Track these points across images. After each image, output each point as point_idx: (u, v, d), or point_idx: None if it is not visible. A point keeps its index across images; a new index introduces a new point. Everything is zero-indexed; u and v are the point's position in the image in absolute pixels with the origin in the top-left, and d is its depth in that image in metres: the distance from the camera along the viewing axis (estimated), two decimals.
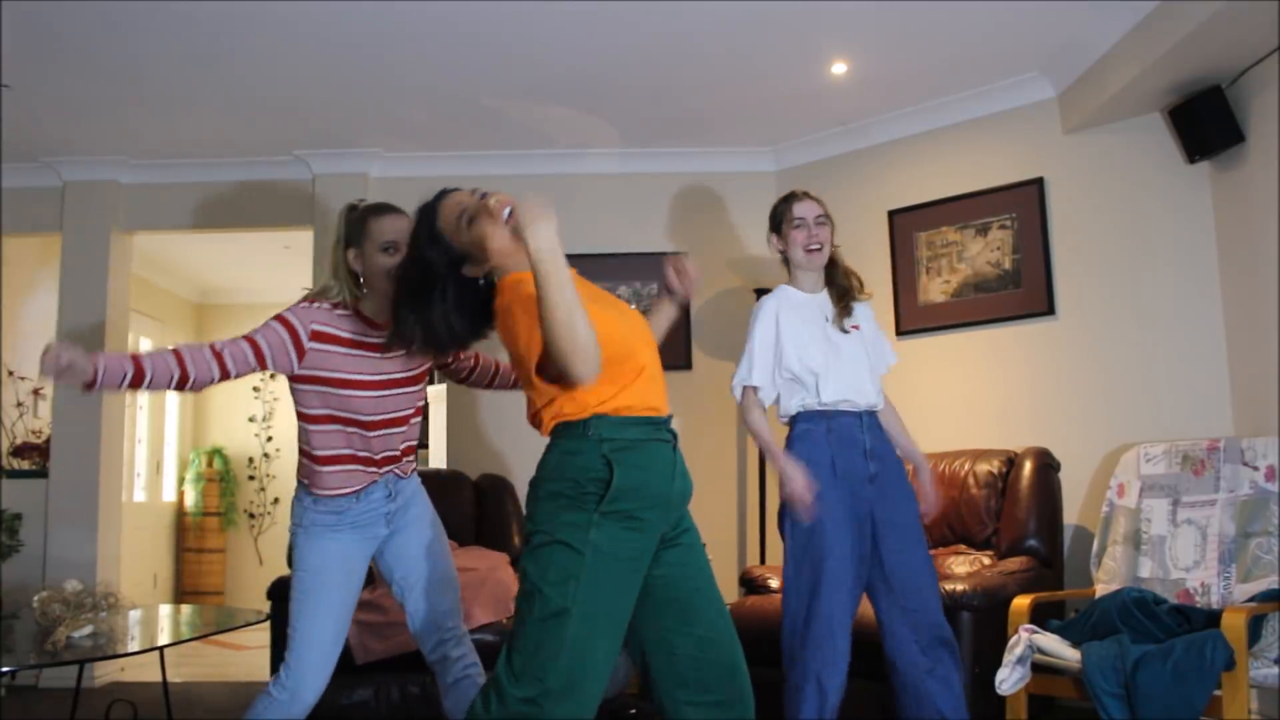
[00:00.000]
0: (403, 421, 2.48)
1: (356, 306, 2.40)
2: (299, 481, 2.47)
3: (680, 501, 1.98)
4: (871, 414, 2.73)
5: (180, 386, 2.24)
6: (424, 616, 2.52)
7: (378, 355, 2.39)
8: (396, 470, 2.49)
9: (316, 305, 2.38)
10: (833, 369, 2.69)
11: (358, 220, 2.42)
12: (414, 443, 2.56)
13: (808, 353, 2.69)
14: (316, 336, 2.34)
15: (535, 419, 1.95)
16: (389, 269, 2.32)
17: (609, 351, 1.84)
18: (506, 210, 1.93)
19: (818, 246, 2.76)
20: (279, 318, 2.33)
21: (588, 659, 1.81)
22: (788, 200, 2.83)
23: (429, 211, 2.04)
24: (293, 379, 2.38)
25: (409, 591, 2.53)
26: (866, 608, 3.14)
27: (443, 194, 2.06)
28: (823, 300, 2.80)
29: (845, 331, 2.74)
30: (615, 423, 1.88)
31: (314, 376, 2.35)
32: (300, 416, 2.43)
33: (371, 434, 2.41)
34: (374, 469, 2.44)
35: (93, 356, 2.10)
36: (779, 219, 2.83)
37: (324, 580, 2.39)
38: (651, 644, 1.95)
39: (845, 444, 2.66)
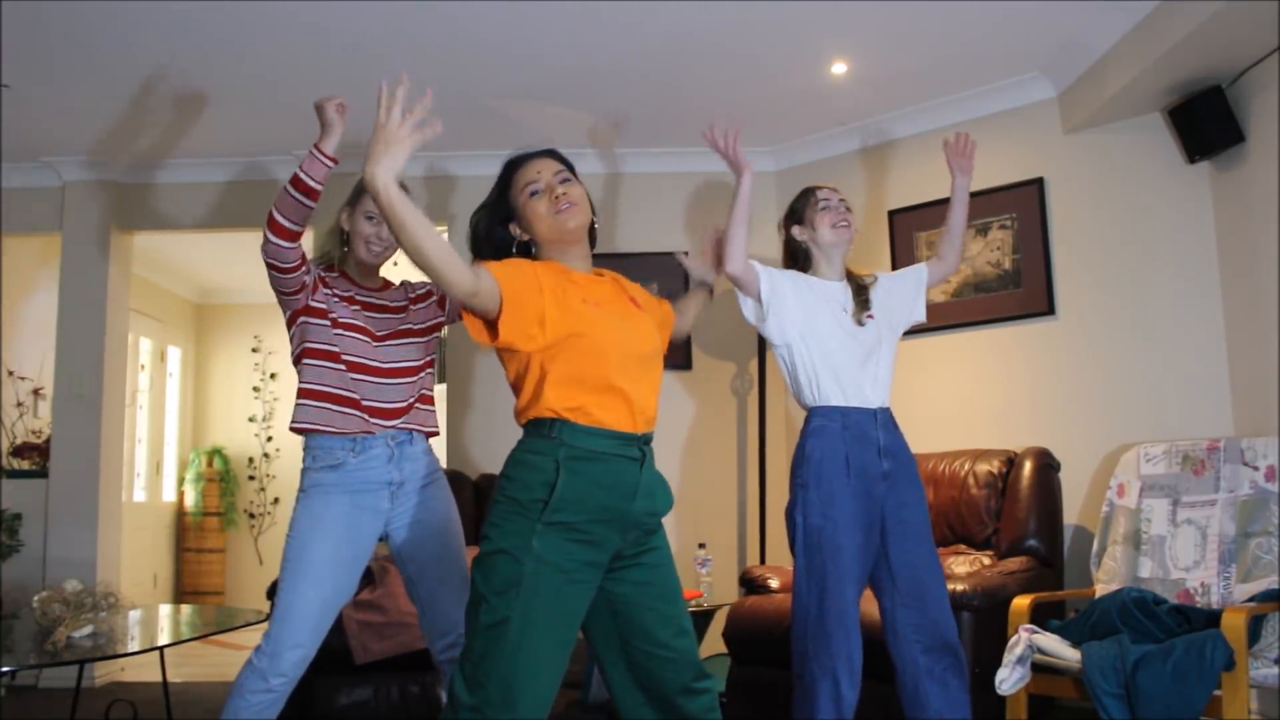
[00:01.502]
0: (408, 372, 2.48)
1: (341, 267, 2.55)
2: (304, 445, 2.46)
3: (640, 521, 1.92)
4: (886, 410, 2.71)
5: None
6: (433, 615, 2.49)
7: (375, 313, 2.50)
8: (400, 425, 2.44)
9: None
10: (849, 365, 2.67)
11: (357, 184, 2.56)
12: (416, 398, 2.50)
13: (826, 347, 2.65)
14: (323, 282, 2.48)
15: (516, 416, 1.96)
16: (368, 237, 2.49)
17: (579, 354, 1.87)
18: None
19: (846, 224, 2.77)
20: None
21: (526, 668, 1.79)
22: (807, 191, 2.83)
23: (513, 164, 2.12)
24: (302, 311, 2.44)
25: (419, 587, 2.50)
26: (869, 606, 3.15)
27: (538, 154, 2.11)
28: (840, 289, 2.78)
29: (861, 324, 2.71)
30: (580, 430, 1.87)
31: (323, 310, 2.44)
32: (303, 354, 2.44)
33: (372, 379, 2.42)
34: (375, 419, 2.41)
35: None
36: (800, 209, 2.81)
37: (310, 545, 2.34)
38: (606, 656, 1.98)
39: (860, 440, 2.62)
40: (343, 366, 2.42)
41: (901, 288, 2.91)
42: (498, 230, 2.07)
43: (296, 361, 2.48)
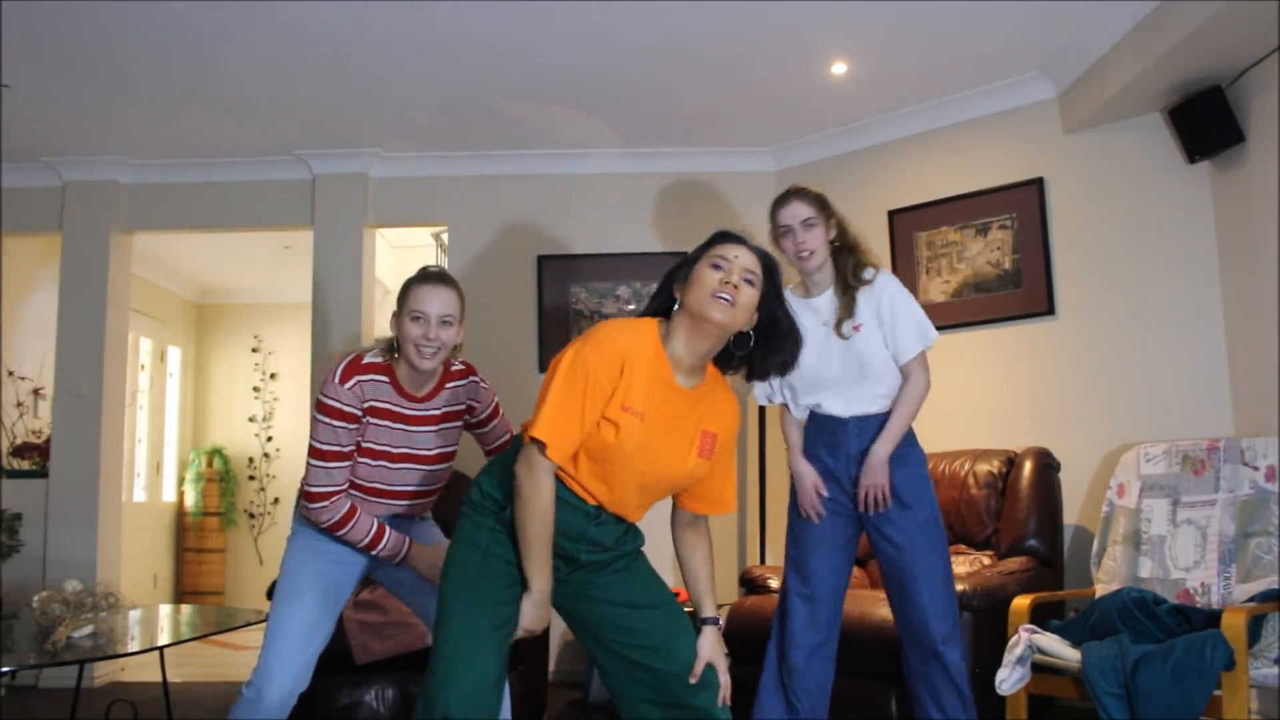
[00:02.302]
0: (407, 495, 2.48)
1: (393, 369, 2.38)
2: (298, 498, 2.49)
3: (589, 564, 2.02)
4: (862, 419, 2.68)
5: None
6: (426, 613, 2.52)
7: (400, 426, 2.40)
8: (395, 509, 2.49)
9: (366, 361, 2.37)
10: (821, 380, 2.68)
11: (404, 286, 2.39)
12: (422, 502, 2.54)
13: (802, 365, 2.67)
14: (366, 401, 2.35)
15: (523, 427, 1.97)
16: (416, 340, 2.30)
17: (592, 446, 1.91)
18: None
19: (807, 254, 2.68)
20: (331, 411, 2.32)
21: (456, 649, 1.90)
22: (775, 205, 2.77)
23: (723, 236, 2.01)
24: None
25: (407, 602, 2.56)
26: (872, 608, 3.15)
27: (751, 246, 2.01)
28: (825, 302, 2.73)
29: (845, 337, 2.66)
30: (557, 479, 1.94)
31: (360, 422, 2.37)
32: (311, 451, 2.37)
33: (372, 499, 2.45)
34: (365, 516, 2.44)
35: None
36: (772, 229, 2.78)
37: (297, 580, 2.42)
38: (602, 659, 2.05)
39: (834, 448, 2.71)
40: (354, 492, 2.43)
41: (891, 328, 2.70)
42: (671, 278, 2.03)
43: (311, 452, 2.43)
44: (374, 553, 2.41)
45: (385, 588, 2.62)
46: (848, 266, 2.71)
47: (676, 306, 1.97)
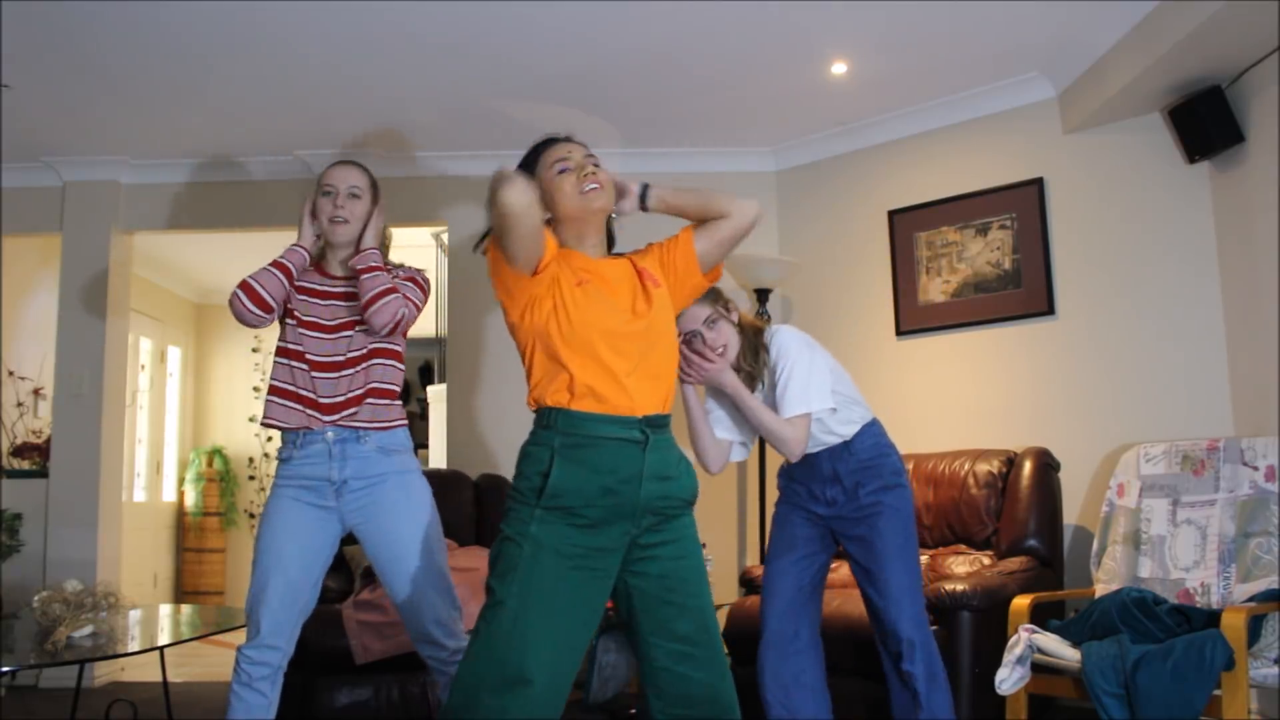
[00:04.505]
0: (351, 363, 2.49)
1: (318, 262, 2.62)
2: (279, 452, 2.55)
3: (652, 506, 1.92)
4: (830, 449, 2.71)
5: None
6: (411, 619, 2.49)
7: (331, 301, 2.55)
8: (342, 422, 2.43)
9: None
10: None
11: (319, 176, 2.62)
12: (364, 390, 2.47)
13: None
14: (299, 290, 2.58)
15: (529, 403, 2.00)
16: (329, 212, 2.54)
17: (564, 338, 1.91)
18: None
19: (723, 351, 2.64)
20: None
21: (521, 652, 1.80)
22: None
23: (541, 145, 2.14)
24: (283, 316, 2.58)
25: (390, 589, 2.50)
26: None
27: (567, 139, 2.14)
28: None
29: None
30: (574, 416, 1.89)
31: (290, 310, 2.56)
32: (274, 353, 2.58)
33: (315, 374, 2.47)
34: (314, 412, 2.44)
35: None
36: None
37: (263, 541, 2.44)
38: (639, 650, 1.97)
39: (810, 478, 2.76)
40: (292, 361, 2.50)
41: (782, 389, 2.65)
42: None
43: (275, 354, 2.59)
44: (288, 268, 2.51)
45: (379, 570, 2.53)
46: (748, 352, 2.70)
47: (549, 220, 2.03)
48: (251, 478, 7.85)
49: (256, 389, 7.85)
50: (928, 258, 4.38)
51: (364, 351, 2.51)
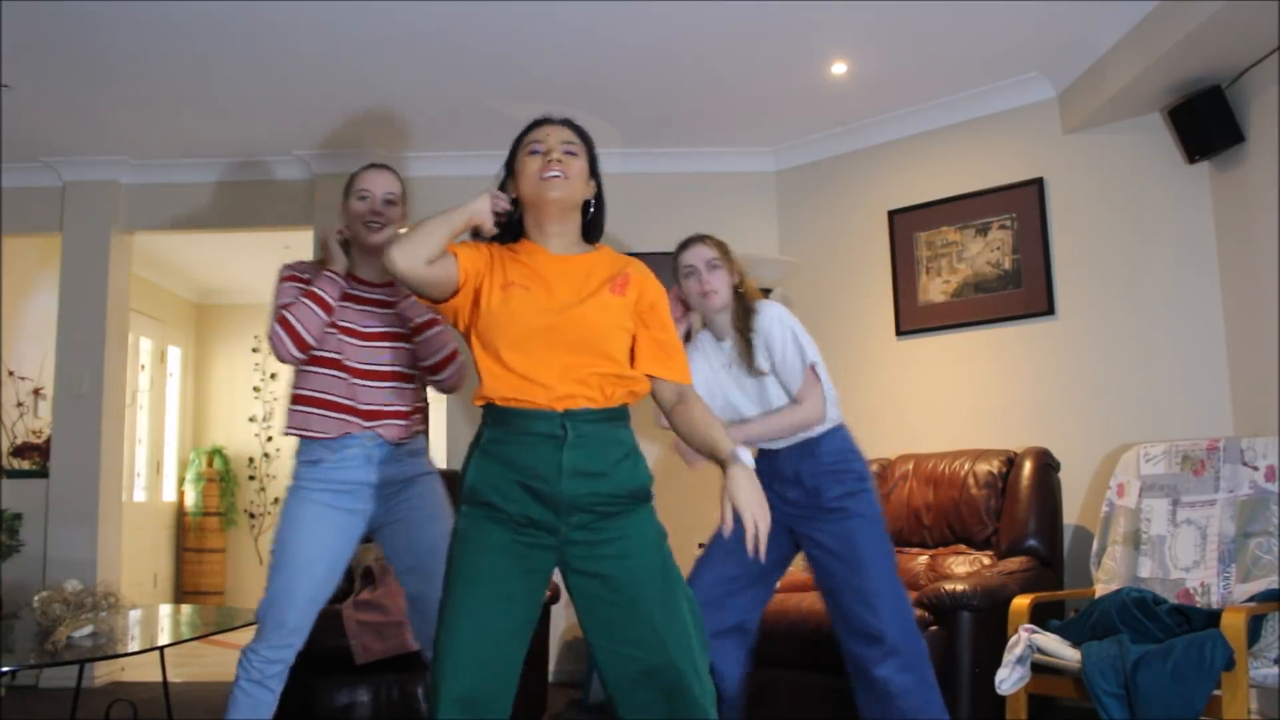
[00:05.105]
0: (393, 377, 2.48)
1: (350, 268, 2.57)
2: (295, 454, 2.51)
3: (580, 504, 1.84)
4: (793, 447, 2.69)
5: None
6: (423, 619, 2.49)
7: (368, 306, 2.51)
8: (381, 430, 2.44)
9: (303, 262, 2.62)
10: (744, 418, 2.72)
11: (348, 181, 2.60)
12: (406, 407, 2.49)
13: (717, 404, 2.72)
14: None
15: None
16: (363, 215, 2.51)
17: (492, 335, 1.89)
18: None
19: (712, 293, 2.67)
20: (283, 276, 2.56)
21: (444, 648, 1.83)
22: (678, 249, 2.74)
23: (532, 124, 2.05)
24: None
25: (407, 588, 2.52)
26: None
27: (557, 121, 2.06)
28: (729, 346, 2.74)
29: (754, 376, 2.68)
30: (496, 412, 1.90)
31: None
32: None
33: (354, 380, 2.44)
34: (354, 418, 2.43)
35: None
36: (675, 269, 2.74)
37: (287, 543, 2.41)
38: (590, 651, 1.91)
39: (773, 476, 2.68)
40: (329, 370, 2.45)
41: (781, 361, 2.67)
42: (502, 186, 2.05)
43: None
44: (328, 303, 2.44)
45: (400, 570, 2.54)
46: (740, 313, 2.71)
47: (517, 212, 2.01)
48: (251, 478, 7.85)
49: (257, 389, 7.85)
50: (928, 258, 4.39)
51: (400, 371, 2.51)
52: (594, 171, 2.05)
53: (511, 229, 2.03)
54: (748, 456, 1.86)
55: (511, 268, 1.94)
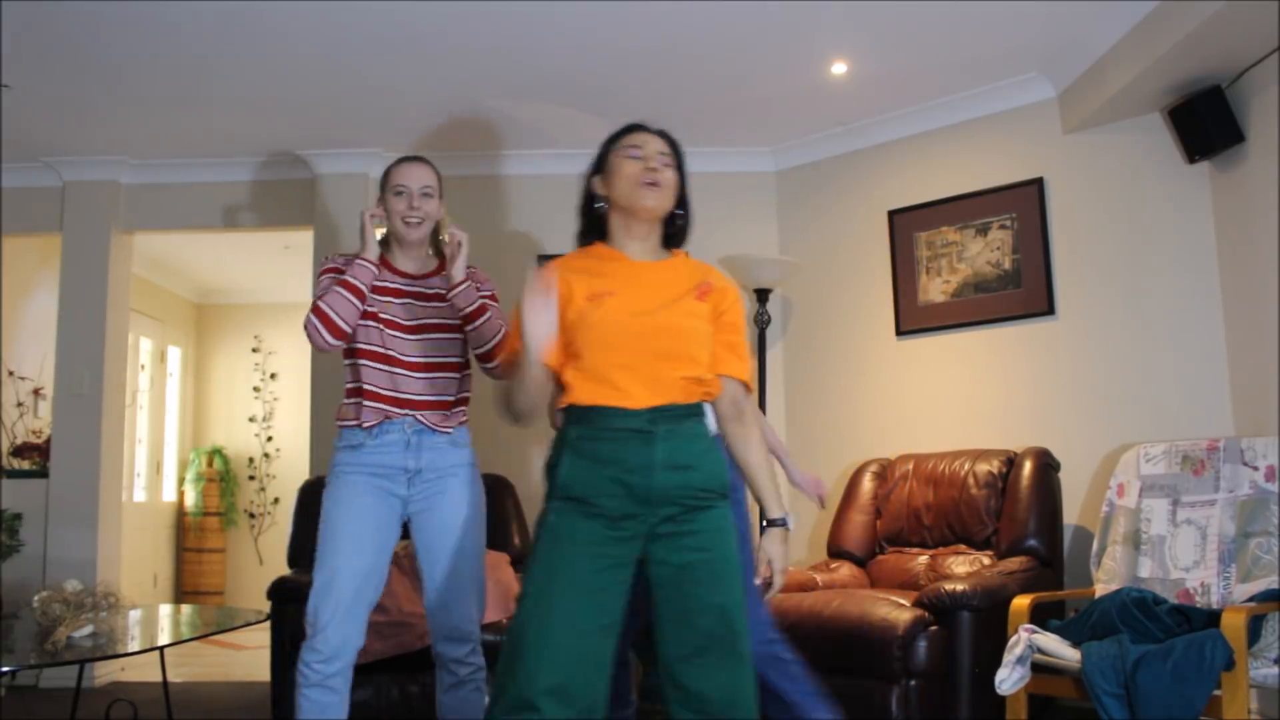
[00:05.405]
0: (437, 368, 2.51)
1: (385, 255, 2.58)
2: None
3: (672, 496, 1.94)
4: None
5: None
6: (442, 615, 2.49)
7: (409, 300, 2.53)
8: (420, 417, 2.47)
9: (341, 255, 2.60)
10: None
11: (385, 171, 2.58)
12: (449, 398, 2.53)
13: None
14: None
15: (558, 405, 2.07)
16: (402, 213, 2.51)
17: (578, 345, 1.96)
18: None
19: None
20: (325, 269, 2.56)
21: (536, 639, 1.85)
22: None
23: (629, 128, 2.14)
24: None
25: (427, 582, 2.50)
26: (872, 608, 3.14)
27: (656, 131, 2.15)
28: None
29: None
30: (584, 412, 1.96)
31: (365, 312, 2.49)
32: (345, 354, 2.54)
33: (394, 370, 2.47)
34: (394, 407, 2.45)
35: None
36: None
37: (332, 524, 2.41)
38: (657, 641, 1.96)
39: None
40: (379, 364, 2.48)
41: None
42: (588, 183, 2.12)
43: (344, 354, 2.56)
44: (360, 290, 2.44)
45: (417, 559, 2.53)
46: None
47: (600, 207, 2.08)
48: (251, 478, 7.85)
49: (257, 389, 7.85)
50: (928, 258, 4.38)
51: (444, 361, 2.53)
52: (683, 182, 2.15)
53: (595, 226, 2.11)
54: (791, 521, 2.08)
55: (595, 280, 2.01)
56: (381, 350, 2.48)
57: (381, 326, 2.48)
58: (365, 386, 2.46)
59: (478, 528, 2.54)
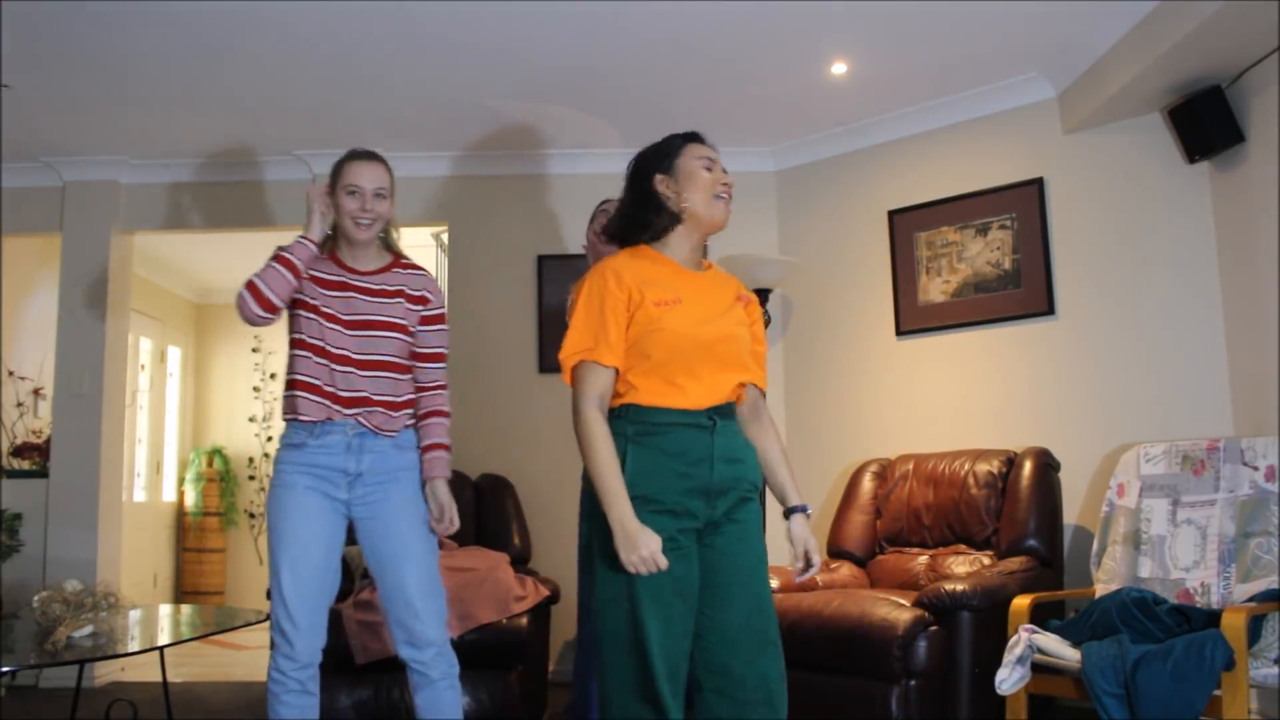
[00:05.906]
0: (377, 366, 2.47)
1: (331, 250, 2.56)
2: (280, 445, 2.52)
3: (725, 487, 2.01)
4: None
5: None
6: (398, 615, 2.46)
7: (353, 294, 2.50)
8: (362, 419, 2.44)
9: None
10: None
11: (336, 165, 2.60)
12: (395, 398, 2.50)
13: None
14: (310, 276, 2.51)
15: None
16: (354, 213, 2.49)
17: (649, 348, 1.99)
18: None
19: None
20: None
21: (648, 640, 1.90)
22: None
23: (693, 135, 2.21)
24: (292, 305, 2.51)
25: (384, 584, 2.48)
26: (872, 608, 3.14)
27: (705, 141, 2.20)
28: None
29: None
30: (645, 410, 1.99)
31: (303, 302, 2.49)
32: (289, 344, 2.52)
33: (336, 366, 2.44)
34: (336, 405, 2.43)
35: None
36: None
37: (279, 531, 2.40)
38: (696, 624, 2.02)
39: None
40: (314, 355, 2.46)
41: None
42: (647, 182, 2.13)
43: (289, 345, 2.54)
44: (296, 266, 2.43)
45: (375, 565, 2.51)
46: None
47: (666, 209, 2.10)
48: (251, 478, 7.85)
49: (257, 389, 7.85)
50: (928, 258, 4.38)
51: (387, 360, 2.51)
52: None
53: (649, 226, 2.12)
54: (807, 510, 2.17)
55: (655, 288, 2.04)
56: (319, 343, 2.45)
57: (320, 320, 2.46)
58: (299, 378, 2.44)
59: (425, 528, 2.51)
